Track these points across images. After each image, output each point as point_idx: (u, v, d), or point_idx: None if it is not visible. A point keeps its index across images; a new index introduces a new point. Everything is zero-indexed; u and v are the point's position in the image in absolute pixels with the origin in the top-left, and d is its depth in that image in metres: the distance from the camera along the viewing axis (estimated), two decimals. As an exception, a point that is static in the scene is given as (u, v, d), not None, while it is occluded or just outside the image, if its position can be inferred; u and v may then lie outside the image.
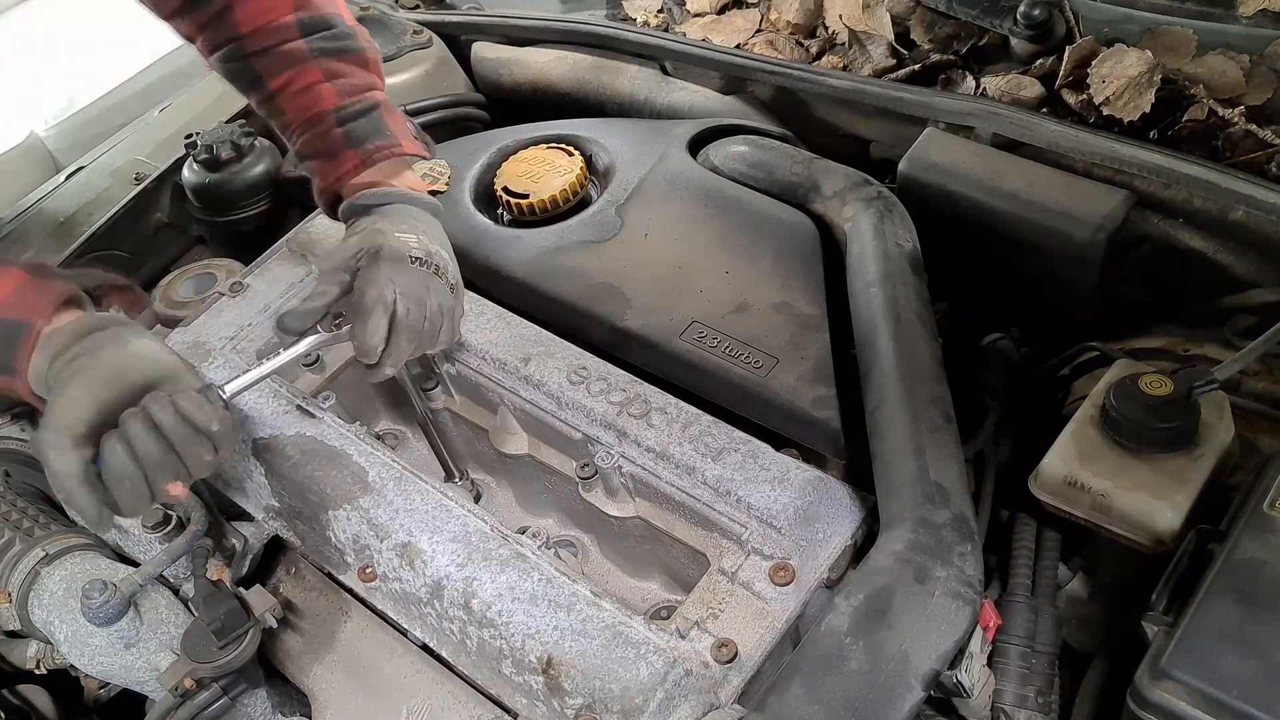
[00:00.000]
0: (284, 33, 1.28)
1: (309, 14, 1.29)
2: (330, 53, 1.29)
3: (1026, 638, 1.10)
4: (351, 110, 1.29)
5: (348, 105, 1.29)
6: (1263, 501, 0.95)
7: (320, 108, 1.28)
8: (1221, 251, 1.30)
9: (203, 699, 1.17)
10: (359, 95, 1.30)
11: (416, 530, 1.16)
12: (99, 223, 1.74)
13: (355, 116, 1.29)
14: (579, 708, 1.01)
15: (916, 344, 1.19)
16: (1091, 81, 1.46)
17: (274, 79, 1.30)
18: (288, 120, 1.32)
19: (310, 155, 1.32)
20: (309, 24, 1.29)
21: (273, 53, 1.29)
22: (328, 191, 1.33)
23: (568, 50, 1.90)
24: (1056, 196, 1.35)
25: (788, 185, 1.48)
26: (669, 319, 1.33)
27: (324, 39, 1.29)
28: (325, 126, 1.28)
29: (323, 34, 1.29)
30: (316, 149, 1.30)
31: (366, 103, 1.30)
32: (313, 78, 1.29)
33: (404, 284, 1.16)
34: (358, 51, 1.32)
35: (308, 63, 1.29)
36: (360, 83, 1.31)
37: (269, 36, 1.28)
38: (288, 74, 1.29)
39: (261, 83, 1.31)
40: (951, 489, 1.06)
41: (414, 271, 1.17)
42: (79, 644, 1.19)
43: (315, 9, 1.30)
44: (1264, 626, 0.87)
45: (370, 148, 1.28)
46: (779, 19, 1.85)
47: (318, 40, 1.29)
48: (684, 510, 1.17)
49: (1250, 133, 1.37)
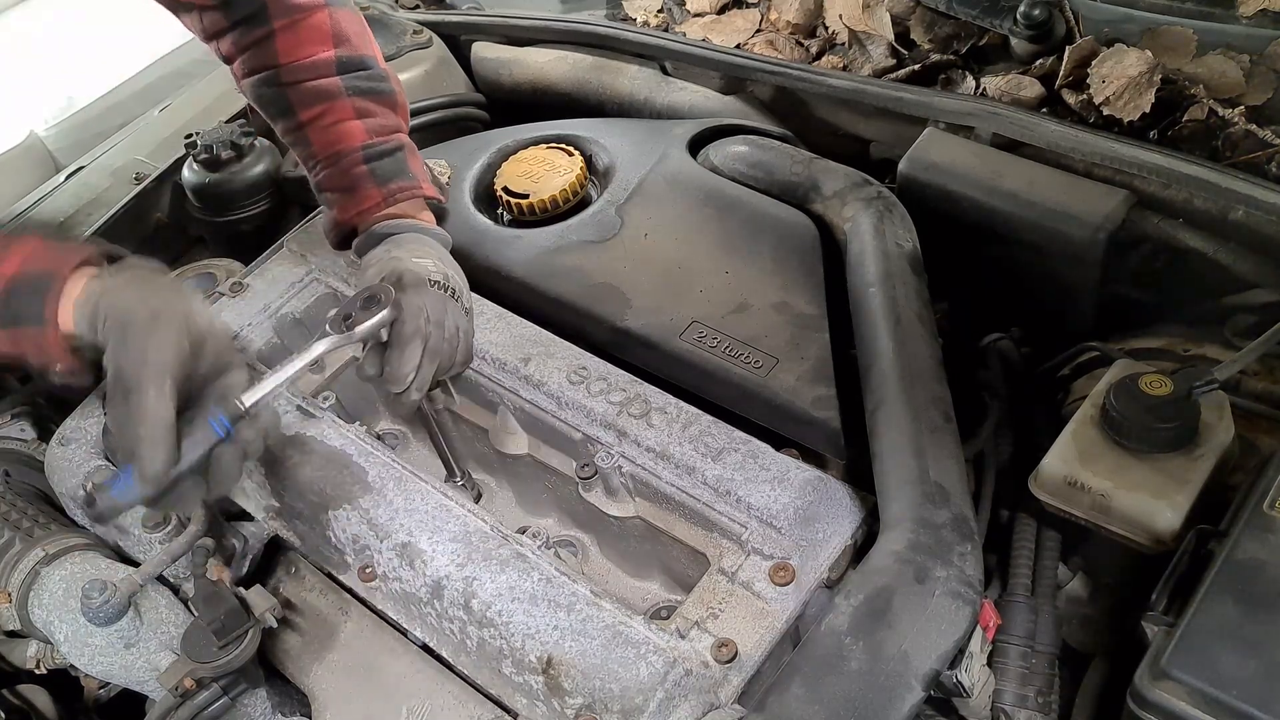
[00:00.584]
0: (322, 68, 1.31)
1: (348, 52, 1.32)
2: (363, 92, 1.32)
3: (1026, 638, 1.10)
4: (378, 149, 1.32)
5: (375, 144, 1.32)
6: (1263, 501, 0.95)
7: (348, 144, 1.31)
8: (1221, 251, 1.30)
9: (203, 699, 1.17)
10: (386, 136, 1.33)
11: (416, 530, 1.16)
12: (99, 223, 1.75)
13: (381, 156, 1.31)
14: (579, 708, 1.01)
15: (916, 344, 1.19)
16: (1091, 81, 1.46)
17: (305, 110, 1.32)
18: (313, 152, 1.34)
19: (331, 188, 1.34)
20: (346, 62, 1.32)
21: (308, 85, 1.31)
22: (344, 225, 1.34)
23: (568, 50, 1.90)
24: (1056, 196, 1.35)
25: (788, 185, 1.48)
26: (669, 319, 1.33)
27: (359, 78, 1.32)
28: (350, 162, 1.31)
29: (358, 73, 1.32)
30: (339, 183, 1.32)
31: (393, 144, 1.33)
32: (344, 114, 1.31)
33: (433, 310, 1.17)
34: (389, 94, 1.35)
35: (341, 99, 1.31)
36: (388, 124, 1.34)
37: (307, 69, 1.31)
38: (320, 107, 1.31)
39: (292, 112, 1.33)
40: (951, 489, 1.06)
41: (434, 295, 1.18)
42: (79, 644, 1.19)
43: (354, 48, 1.33)
44: (1264, 626, 0.87)
45: (393, 187, 1.31)
46: (779, 19, 1.85)
47: (353, 79, 1.32)
48: (684, 510, 1.17)
49: (1250, 133, 1.37)
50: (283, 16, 1.30)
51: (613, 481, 1.20)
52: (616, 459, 1.19)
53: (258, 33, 1.30)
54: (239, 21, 1.31)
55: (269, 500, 1.29)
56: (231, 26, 1.32)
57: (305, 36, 1.30)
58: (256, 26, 1.30)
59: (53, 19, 3.29)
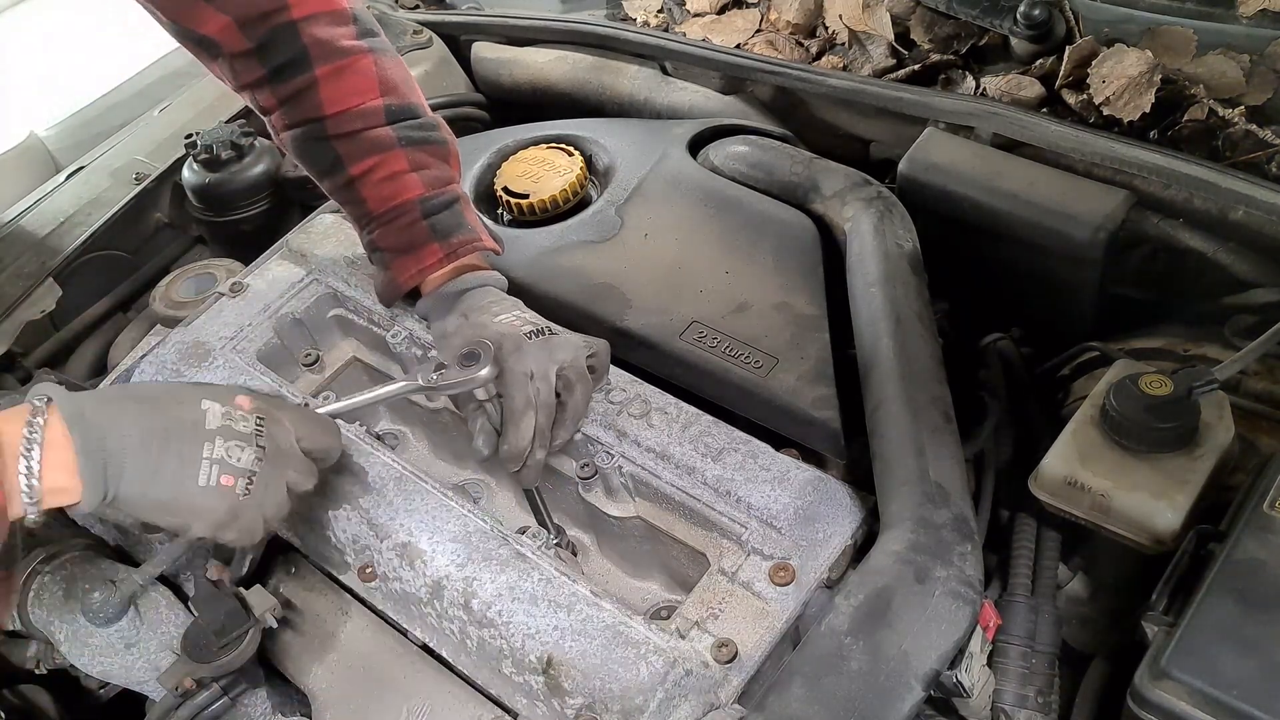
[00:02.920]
0: (371, 117, 1.23)
1: (397, 101, 1.25)
2: (416, 142, 1.25)
3: (1026, 638, 1.10)
4: (436, 202, 1.25)
5: (433, 197, 1.25)
6: (1263, 501, 0.95)
7: (405, 198, 1.24)
8: (1221, 251, 1.30)
9: (203, 699, 1.17)
10: (442, 188, 1.27)
11: (416, 530, 1.16)
12: (99, 223, 1.75)
13: (439, 209, 1.25)
14: (579, 708, 1.01)
15: (916, 344, 1.19)
16: (1091, 81, 1.46)
17: (356, 164, 1.25)
18: (367, 210, 1.27)
19: (388, 248, 1.27)
20: (396, 111, 1.25)
21: (358, 137, 1.24)
22: (403, 287, 1.28)
23: (568, 50, 1.90)
24: (1056, 196, 1.35)
25: (788, 185, 1.48)
26: (669, 319, 1.33)
27: (410, 128, 1.25)
28: (410, 218, 1.25)
29: (409, 123, 1.25)
30: (397, 242, 1.26)
31: (449, 195, 1.27)
32: (398, 166, 1.24)
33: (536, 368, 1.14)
34: (442, 144, 1.29)
35: (394, 150, 1.24)
36: (443, 175, 1.28)
37: (355, 120, 1.23)
38: (372, 160, 1.24)
39: (341, 167, 1.25)
40: (951, 489, 1.06)
41: (534, 351, 1.15)
42: (79, 644, 1.19)
43: (402, 96, 1.26)
44: (1264, 626, 0.87)
45: (455, 241, 1.25)
46: (779, 19, 1.85)
47: (405, 129, 1.25)
48: (684, 510, 1.17)
49: (1250, 133, 1.37)
50: (325, 62, 1.22)
51: (613, 481, 1.20)
52: (616, 459, 1.19)
53: (298, 81, 1.22)
54: (277, 70, 1.23)
55: (269, 500, 1.29)
56: (269, 76, 1.23)
57: (351, 84, 1.23)
58: (297, 74, 1.22)
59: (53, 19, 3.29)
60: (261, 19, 1.21)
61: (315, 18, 1.22)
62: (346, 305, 1.46)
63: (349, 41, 1.24)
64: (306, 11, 1.21)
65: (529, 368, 1.14)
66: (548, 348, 1.17)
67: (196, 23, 1.22)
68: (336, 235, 1.51)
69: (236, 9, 1.20)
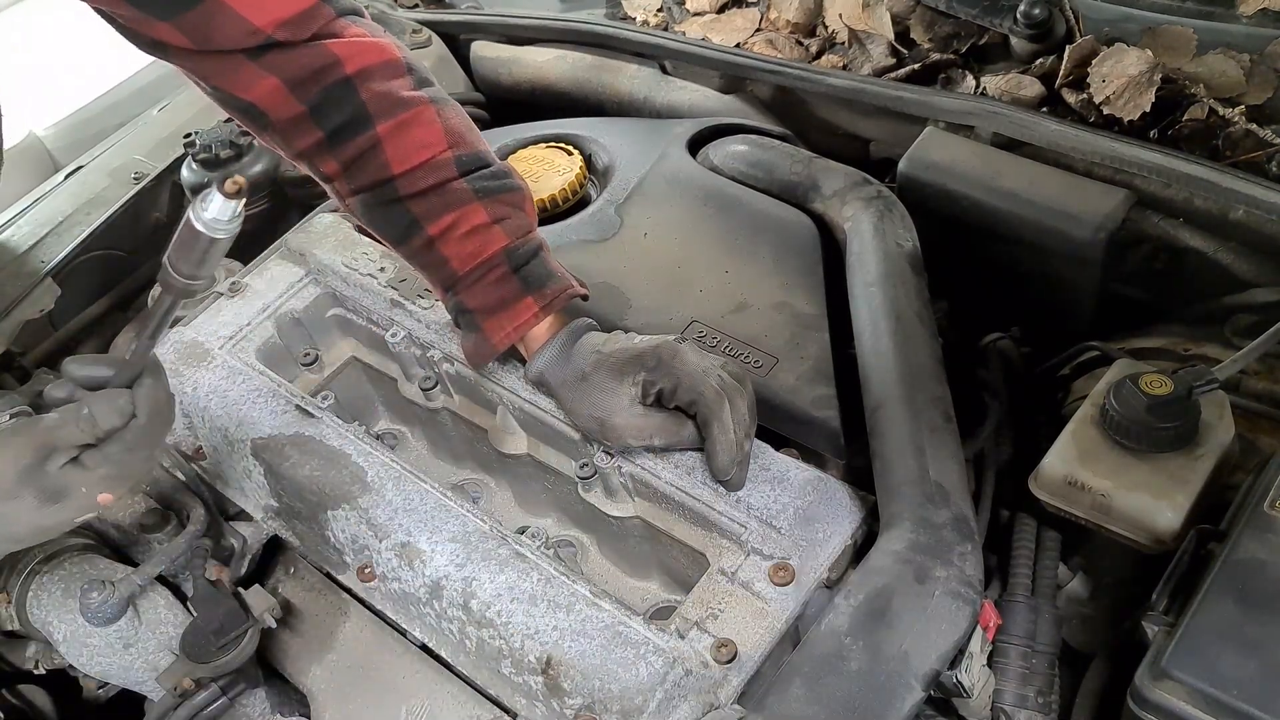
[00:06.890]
0: (443, 170, 1.15)
1: (466, 151, 1.17)
2: (492, 192, 1.17)
3: (1026, 638, 1.10)
4: (522, 253, 1.18)
5: (518, 248, 1.18)
6: (1263, 501, 0.95)
7: (491, 251, 1.17)
8: (1221, 251, 1.30)
9: (202, 699, 1.17)
10: (524, 237, 1.19)
11: (415, 530, 1.16)
12: (97, 222, 1.74)
13: (527, 259, 1.18)
14: (578, 708, 1.01)
15: (916, 344, 1.19)
16: (1091, 81, 1.46)
17: (433, 223, 1.16)
18: (451, 270, 1.18)
19: (478, 308, 1.19)
20: (468, 161, 1.17)
21: (433, 194, 1.15)
22: (498, 347, 1.20)
23: (567, 49, 1.90)
24: (1056, 196, 1.35)
25: (787, 185, 1.48)
26: (669, 319, 1.33)
27: (484, 178, 1.17)
28: (499, 273, 1.17)
29: (481, 173, 1.18)
30: (487, 300, 1.18)
31: (533, 244, 1.20)
32: (478, 220, 1.16)
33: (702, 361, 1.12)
34: (517, 190, 1.21)
35: (472, 204, 1.16)
36: (523, 224, 1.20)
37: (427, 175, 1.15)
38: (450, 216, 1.16)
39: (418, 228, 1.17)
40: (951, 489, 1.06)
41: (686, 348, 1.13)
42: (78, 644, 1.19)
43: (470, 145, 1.18)
44: (1264, 626, 0.87)
45: (549, 292, 1.18)
46: (779, 18, 1.85)
47: (478, 179, 1.17)
48: (683, 510, 1.16)
49: (1250, 132, 1.37)
50: (387, 118, 1.13)
51: (612, 481, 1.20)
52: (616, 459, 1.19)
53: (360, 141, 1.13)
54: (335, 131, 1.13)
55: (268, 500, 1.29)
56: (327, 139, 1.14)
57: (417, 138, 1.14)
58: (358, 133, 1.13)
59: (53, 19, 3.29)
60: (313, 78, 1.11)
61: (370, 71, 1.13)
62: (345, 305, 1.46)
63: (408, 93, 1.15)
64: (360, 65, 1.12)
65: (697, 364, 1.11)
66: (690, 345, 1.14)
67: (241, 88, 1.13)
68: (335, 235, 1.51)
69: (285, 69, 1.11)
